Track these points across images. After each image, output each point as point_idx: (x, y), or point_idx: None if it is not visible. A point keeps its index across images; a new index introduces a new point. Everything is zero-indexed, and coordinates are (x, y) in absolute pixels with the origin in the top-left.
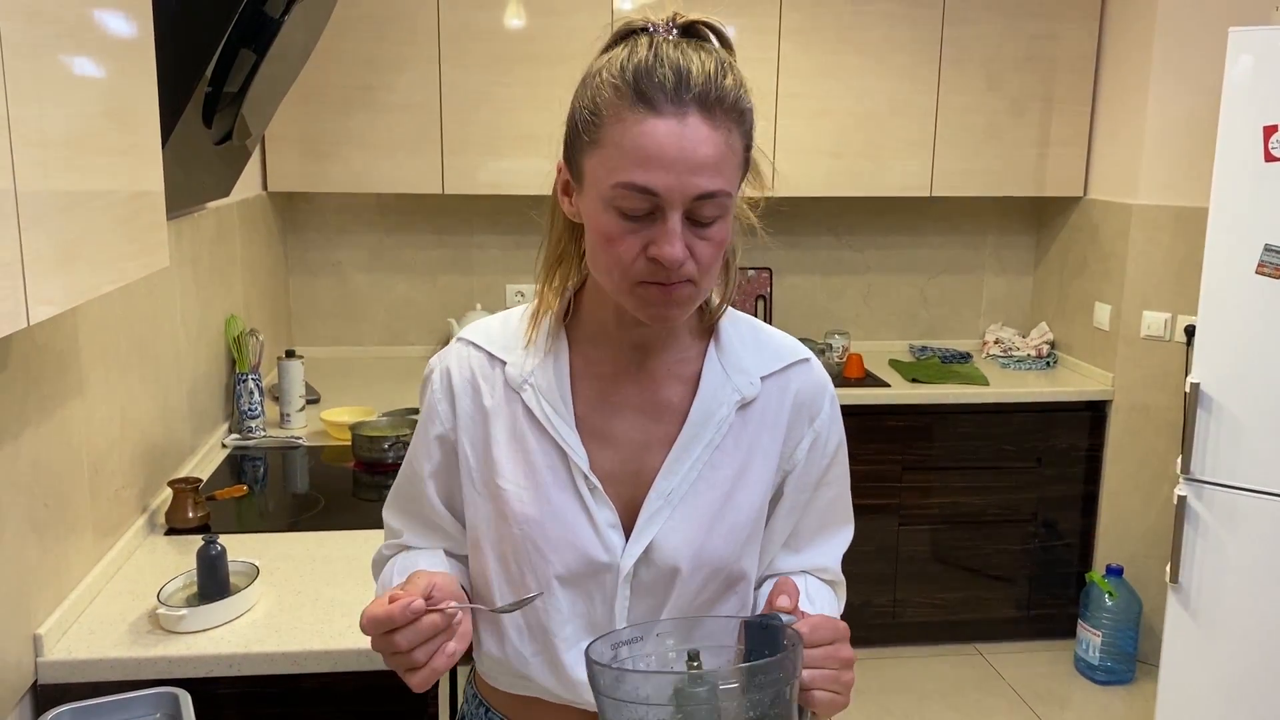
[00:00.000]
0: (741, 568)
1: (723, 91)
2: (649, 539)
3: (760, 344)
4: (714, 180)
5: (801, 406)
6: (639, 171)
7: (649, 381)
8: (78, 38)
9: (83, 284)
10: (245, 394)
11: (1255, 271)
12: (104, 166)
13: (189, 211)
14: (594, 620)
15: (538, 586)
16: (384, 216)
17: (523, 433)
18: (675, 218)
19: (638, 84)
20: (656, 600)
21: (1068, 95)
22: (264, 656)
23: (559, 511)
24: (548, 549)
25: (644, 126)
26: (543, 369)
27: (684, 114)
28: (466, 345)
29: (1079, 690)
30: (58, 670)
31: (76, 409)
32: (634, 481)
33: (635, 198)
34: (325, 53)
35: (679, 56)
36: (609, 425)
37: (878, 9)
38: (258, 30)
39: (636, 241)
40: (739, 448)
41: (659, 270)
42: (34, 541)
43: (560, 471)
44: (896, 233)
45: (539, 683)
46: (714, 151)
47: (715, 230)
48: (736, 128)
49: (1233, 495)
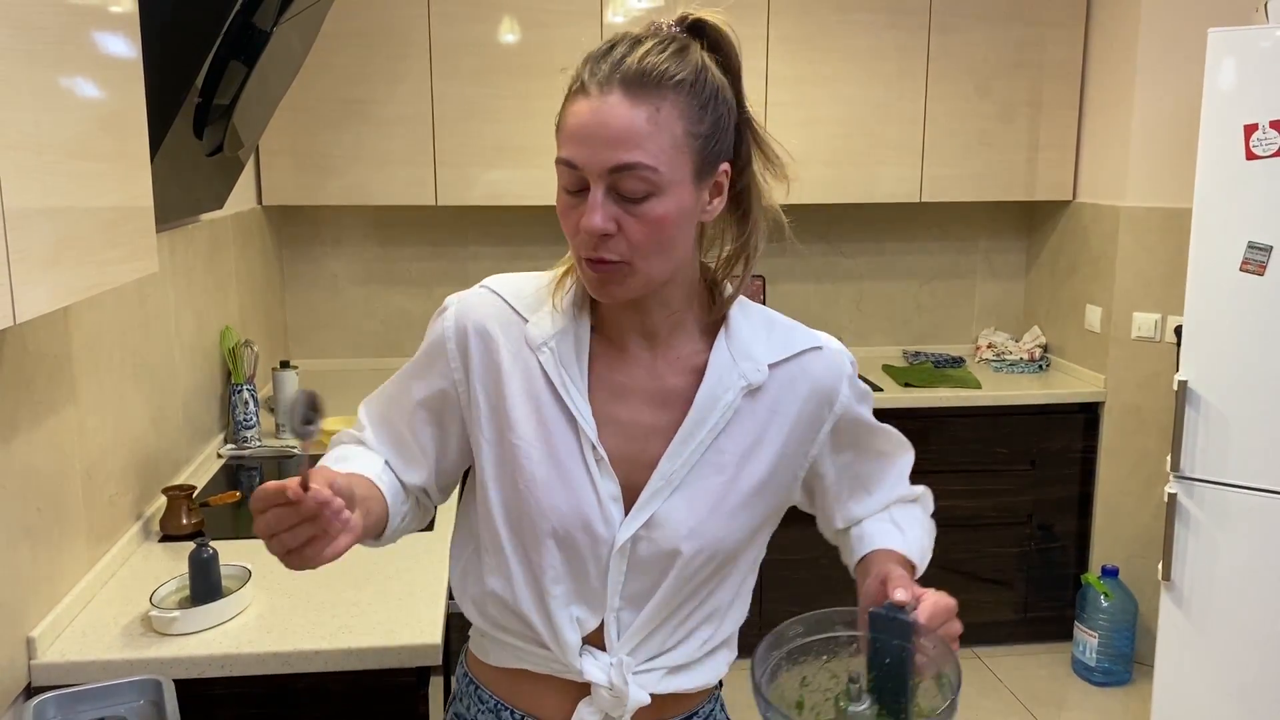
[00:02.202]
0: (739, 557)
1: (648, 68)
2: (646, 516)
3: (772, 332)
4: (630, 154)
5: (818, 395)
6: (565, 146)
7: (657, 370)
8: (66, 45)
9: (70, 285)
10: (240, 405)
11: (1239, 269)
12: (92, 172)
13: (182, 223)
14: (587, 587)
15: (535, 541)
16: (378, 229)
17: (537, 392)
18: (597, 191)
19: (583, 70)
20: (652, 579)
21: (1055, 100)
22: (255, 657)
23: (565, 475)
24: (549, 508)
25: (572, 106)
26: (563, 336)
27: (606, 93)
28: (491, 294)
29: (1076, 692)
30: (51, 672)
31: (69, 416)
32: (634, 465)
33: (565, 172)
34: (318, 67)
35: (625, 40)
36: (616, 408)
37: (865, 18)
38: (247, 42)
39: (575, 215)
40: (745, 433)
41: (590, 242)
42: (27, 546)
43: (569, 437)
44: (888, 239)
45: (536, 629)
46: (630, 125)
47: (648, 207)
48: (671, 107)
49: (1222, 492)
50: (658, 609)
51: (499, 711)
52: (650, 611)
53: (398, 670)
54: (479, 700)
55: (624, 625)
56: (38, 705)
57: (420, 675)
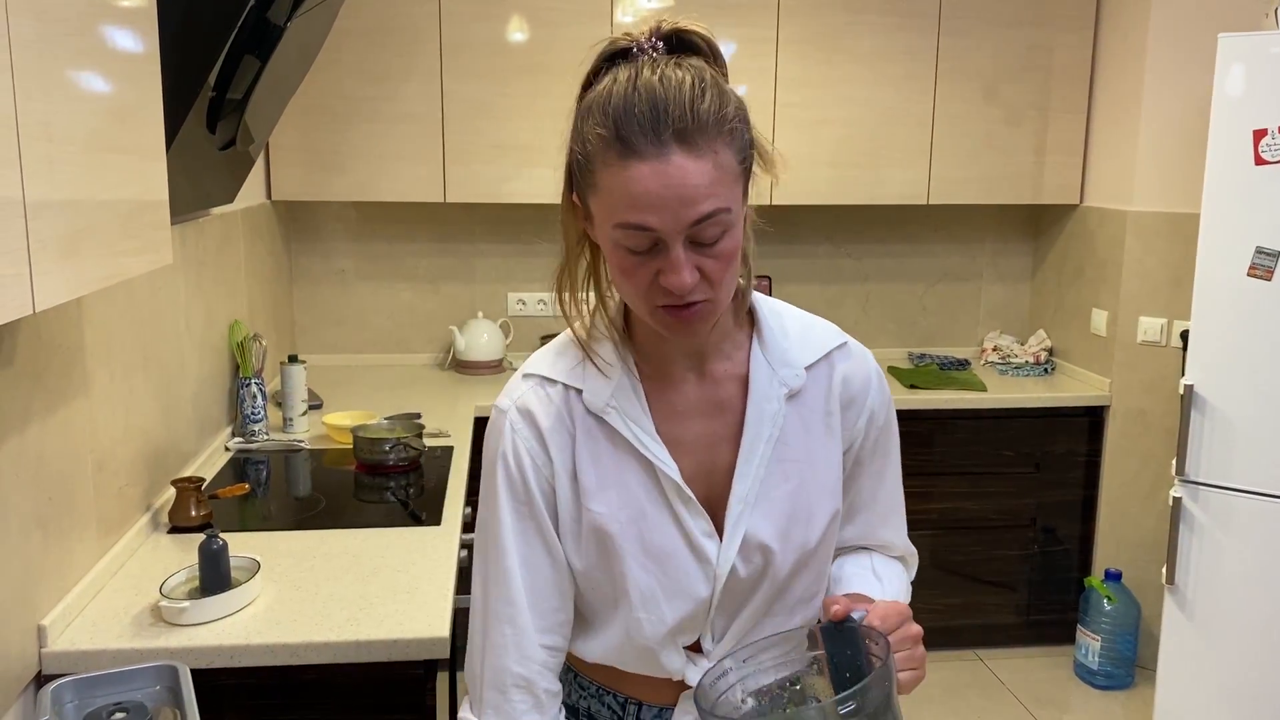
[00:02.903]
0: (826, 549)
1: (701, 116)
2: (738, 542)
3: (801, 333)
4: (708, 204)
5: (851, 388)
6: (632, 213)
7: (707, 382)
8: (85, 38)
9: (86, 275)
10: (249, 398)
11: (1246, 274)
12: (109, 164)
13: (193, 217)
14: (687, 617)
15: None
16: (386, 225)
17: (608, 454)
18: (677, 248)
19: (618, 129)
20: (746, 589)
21: (1063, 104)
22: (264, 648)
23: (655, 525)
24: (649, 561)
25: (629, 172)
26: (620, 390)
27: (664, 153)
28: (539, 381)
29: (1078, 695)
30: (61, 661)
31: (81, 407)
32: (708, 480)
33: (635, 235)
34: (328, 64)
35: (656, 86)
36: (681, 431)
37: (874, 20)
38: (261, 37)
39: (647, 272)
40: (799, 437)
41: (673, 295)
42: (38, 535)
43: (651, 488)
44: (894, 241)
45: (634, 674)
46: (702, 179)
47: (723, 245)
48: (725, 145)
49: (1227, 496)
50: (754, 613)
51: (601, 696)
52: (746, 617)
53: (405, 663)
54: (579, 686)
55: (720, 631)
56: (55, 690)
57: (428, 668)
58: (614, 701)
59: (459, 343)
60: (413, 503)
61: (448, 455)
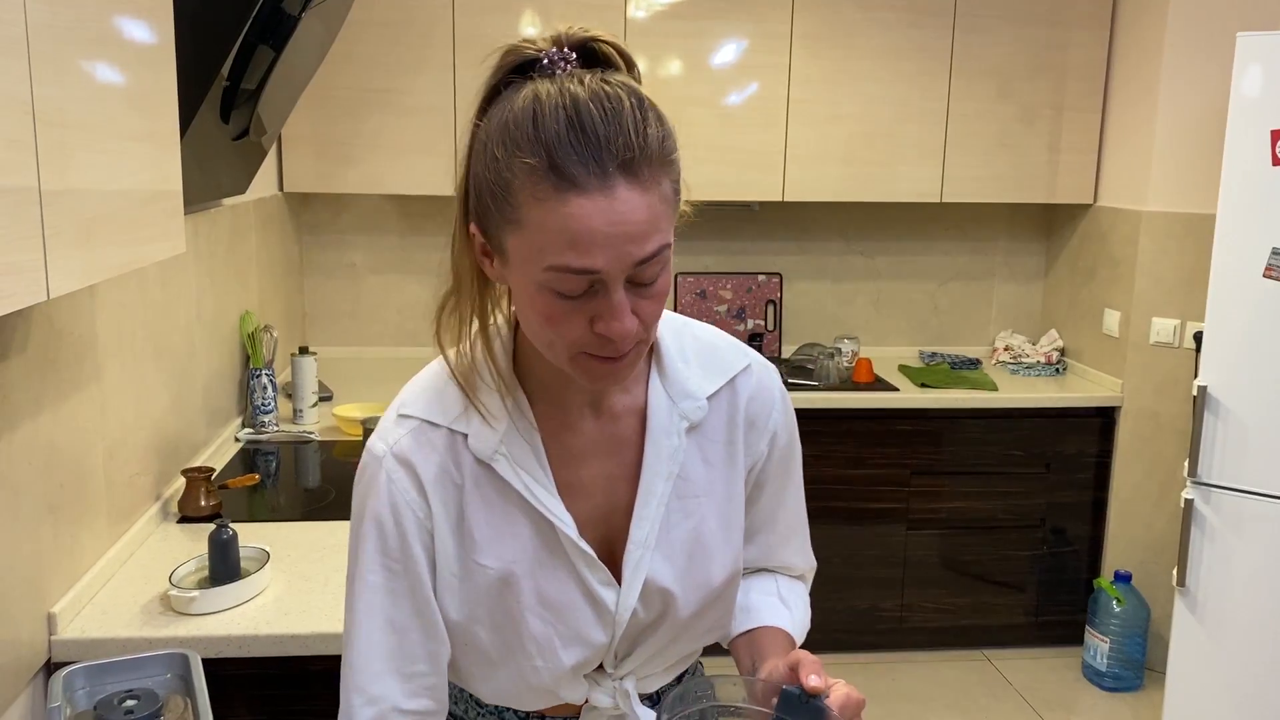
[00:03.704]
0: (729, 582)
1: (646, 147)
2: (638, 589)
3: (702, 357)
4: (654, 241)
5: (754, 413)
6: (572, 255)
7: (604, 419)
8: (99, 24)
9: (101, 263)
10: (259, 389)
11: (1263, 275)
12: (123, 150)
13: (205, 207)
14: (586, 658)
15: (537, 649)
16: (398, 218)
17: (498, 504)
18: (619, 291)
19: (552, 158)
20: (648, 631)
21: (1078, 102)
22: (273, 638)
23: (551, 577)
24: (545, 614)
25: (569, 209)
26: (510, 436)
27: (610, 187)
28: (420, 424)
29: (1086, 697)
30: (70, 649)
31: (93, 395)
32: (607, 523)
33: (572, 279)
34: (341, 56)
35: (592, 109)
36: (578, 475)
37: (889, 16)
38: (275, 27)
39: (580, 319)
40: (699, 470)
41: (607, 344)
42: (49, 522)
43: (547, 538)
44: (907, 239)
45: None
46: (648, 214)
47: (660, 284)
48: (665, 176)
49: (1240, 499)
50: (658, 643)
51: (502, 713)
52: (649, 649)
53: None
54: (477, 704)
55: (622, 656)
56: (67, 676)
57: None
58: (513, 716)
59: None
60: None
61: None
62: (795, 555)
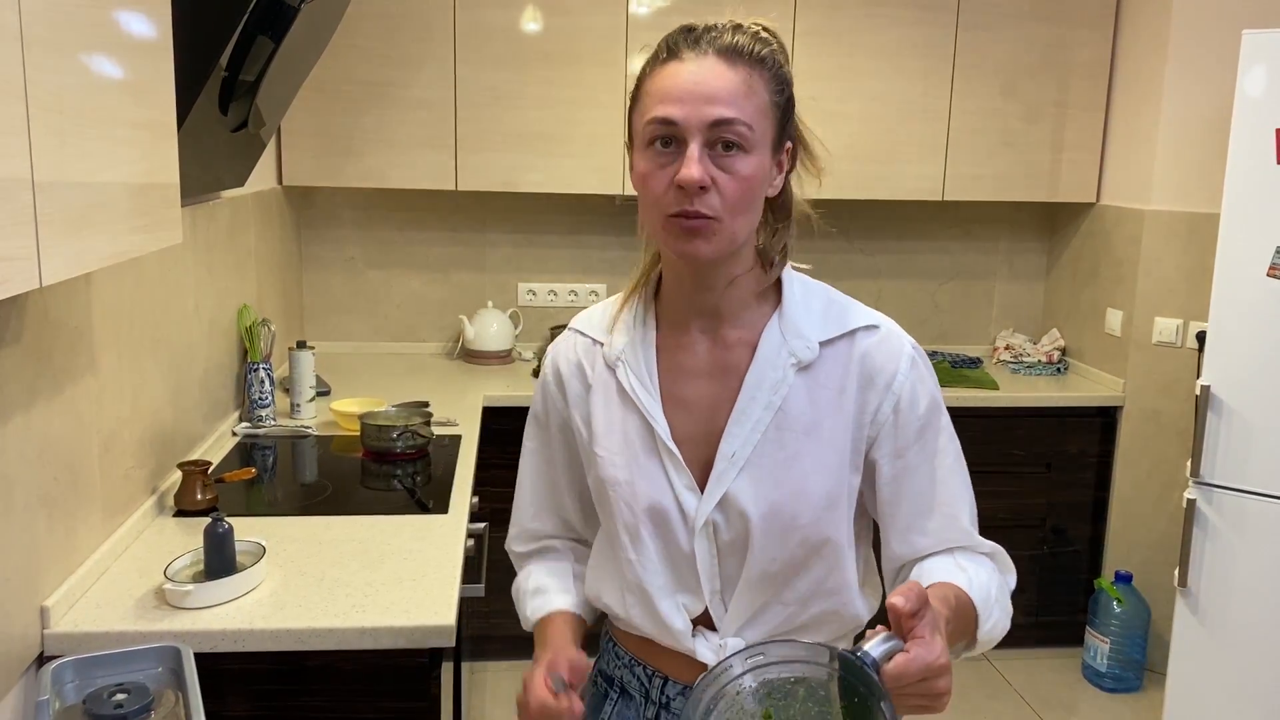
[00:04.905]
0: (823, 532)
1: (743, 43)
2: (717, 498)
3: (828, 310)
4: (729, 109)
5: (871, 369)
6: (660, 106)
7: (718, 346)
8: (96, 10)
9: (95, 252)
10: (256, 383)
11: (1266, 274)
12: (119, 138)
13: (204, 199)
14: (683, 575)
15: (629, 540)
16: (397, 212)
17: (616, 404)
18: (695, 144)
19: (669, 44)
20: (737, 558)
21: (1081, 101)
22: (269, 633)
23: (645, 474)
24: (636, 507)
25: (667, 70)
26: (631, 347)
27: (703, 57)
28: (572, 333)
29: (1086, 698)
30: (63, 642)
31: (88, 387)
32: (706, 441)
33: (659, 128)
34: (341, 49)
35: (716, 27)
36: (684, 390)
37: (892, 13)
38: (275, 18)
39: (665, 175)
40: (803, 411)
41: (684, 197)
42: (43, 514)
43: (647, 439)
44: (908, 237)
45: (641, 629)
46: (729, 86)
47: (739, 164)
48: (760, 75)
49: (1242, 499)
50: (750, 586)
51: (633, 667)
52: (744, 589)
53: (410, 651)
54: (616, 656)
55: (726, 605)
56: (55, 670)
57: (433, 657)
58: (643, 673)
59: (468, 332)
60: (420, 491)
61: (455, 444)
62: (967, 536)
